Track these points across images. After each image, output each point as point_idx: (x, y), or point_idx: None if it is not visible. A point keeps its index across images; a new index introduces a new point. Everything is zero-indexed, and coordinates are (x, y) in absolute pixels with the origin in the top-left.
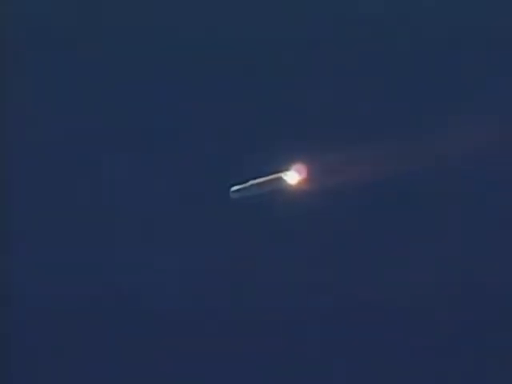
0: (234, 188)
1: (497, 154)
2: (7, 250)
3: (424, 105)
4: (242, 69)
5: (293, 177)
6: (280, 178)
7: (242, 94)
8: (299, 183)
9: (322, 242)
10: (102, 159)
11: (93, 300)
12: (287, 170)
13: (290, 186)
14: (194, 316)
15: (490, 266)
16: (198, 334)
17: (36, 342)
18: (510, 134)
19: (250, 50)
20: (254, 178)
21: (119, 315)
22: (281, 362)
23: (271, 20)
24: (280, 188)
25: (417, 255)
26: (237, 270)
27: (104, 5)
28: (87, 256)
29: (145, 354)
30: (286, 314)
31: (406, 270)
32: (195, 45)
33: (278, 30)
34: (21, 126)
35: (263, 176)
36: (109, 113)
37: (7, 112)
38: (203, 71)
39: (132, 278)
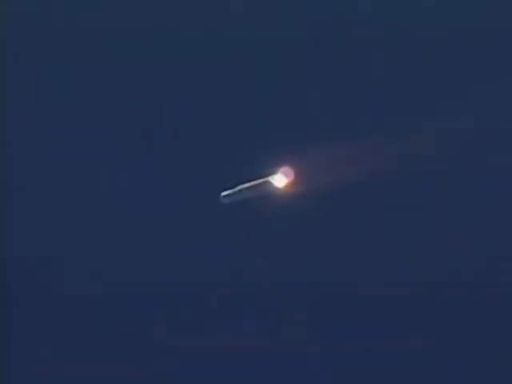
0: (224, 193)
1: (487, 154)
2: (5, 249)
3: (413, 106)
4: (232, 72)
5: (280, 180)
6: (268, 182)
7: (230, 99)
8: (286, 186)
9: (310, 243)
10: (100, 159)
11: (91, 300)
12: (274, 173)
13: (278, 188)
14: (193, 315)
15: (479, 264)
16: (196, 333)
17: (34, 342)
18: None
19: (243, 51)
20: (243, 183)
21: (118, 315)
22: (279, 361)
23: (266, 20)
24: (268, 191)
25: (405, 254)
26: (232, 269)
27: (104, 5)
28: (86, 256)
29: (144, 355)
30: (276, 313)
31: (394, 270)
32: (193, 46)
33: (263, 31)
34: (21, 125)
35: (251, 179)
36: (109, 113)
37: (7, 112)
38: (192, 74)
39: (131, 277)
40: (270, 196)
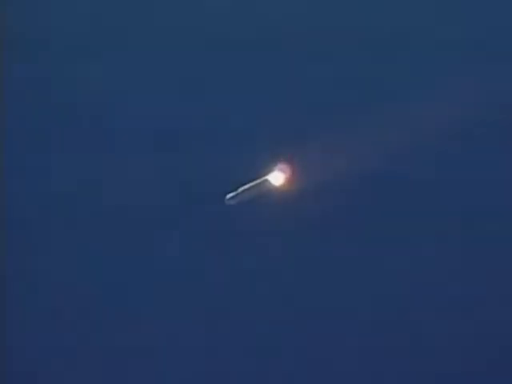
0: (229, 195)
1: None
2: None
3: (414, 99)
4: (227, 68)
5: (277, 177)
6: (266, 180)
7: (223, 94)
8: (284, 183)
9: (311, 242)
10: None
11: (89, 304)
12: (271, 171)
13: (275, 187)
14: (194, 315)
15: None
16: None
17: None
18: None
19: (241, 45)
20: (243, 183)
21: (117, 320)
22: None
23: (270, 11)
24: (267, 190)
25: (405, 252)
26: (234, 270)
27: (104, 4)
28: (84, 259)
29: (142, 359)
30: (277, 315)
31: (394, 267)
32: (186, 41)
33: (266, 25)
34: (20, 124)
35: (250, 179)
36: (109, 113)
37: (6, 112)
38: (189, 71)
39: (130, 278)
40: (269, 195)
